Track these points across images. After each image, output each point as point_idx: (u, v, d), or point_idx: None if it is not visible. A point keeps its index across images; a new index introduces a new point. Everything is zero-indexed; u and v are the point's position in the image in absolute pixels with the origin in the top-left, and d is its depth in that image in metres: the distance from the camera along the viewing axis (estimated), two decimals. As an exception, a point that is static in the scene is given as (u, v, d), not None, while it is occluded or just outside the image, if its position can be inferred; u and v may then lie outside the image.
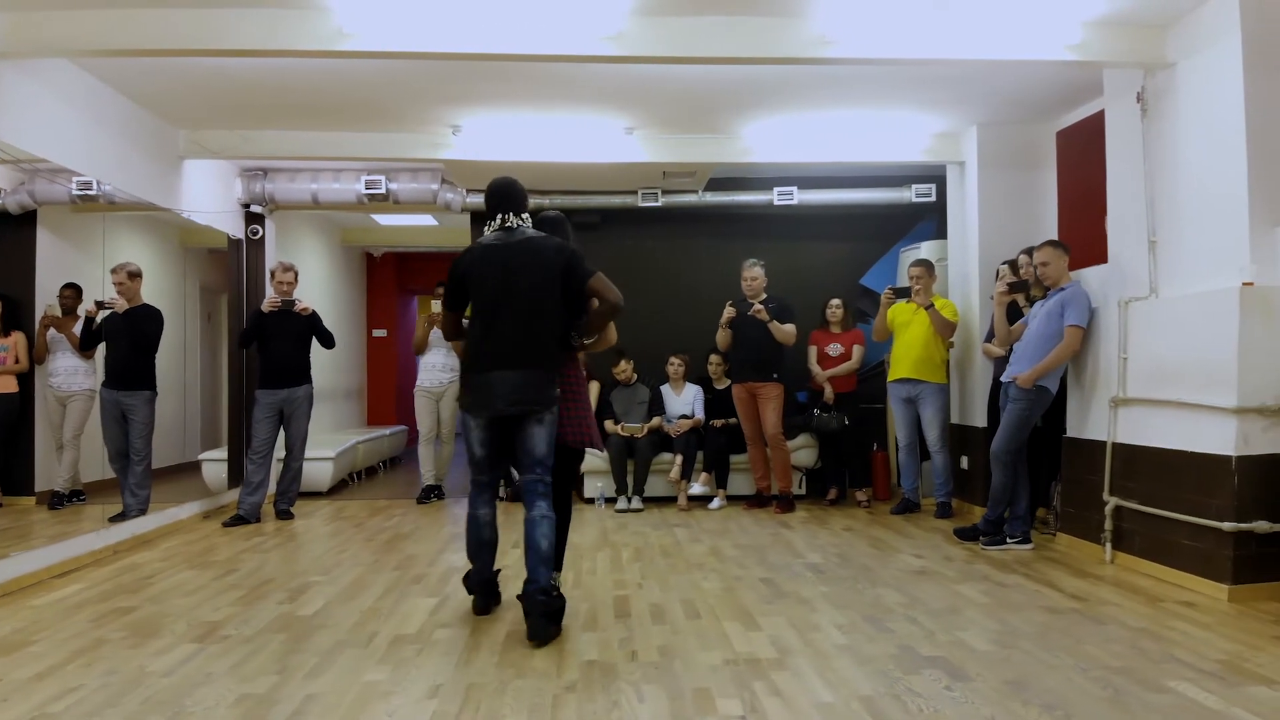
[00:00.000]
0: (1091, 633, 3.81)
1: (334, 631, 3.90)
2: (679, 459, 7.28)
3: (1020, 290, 5.79)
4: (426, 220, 10.04)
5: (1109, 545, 5.12)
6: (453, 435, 8.04)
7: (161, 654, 3.60)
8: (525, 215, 4.15)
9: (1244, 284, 4.35)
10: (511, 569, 4.89)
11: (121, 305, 6.10)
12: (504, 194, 4.14)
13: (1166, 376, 4.79)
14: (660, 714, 2.96)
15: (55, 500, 6.01)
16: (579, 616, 4.11)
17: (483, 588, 4.22)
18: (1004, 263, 6.24)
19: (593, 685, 3.23)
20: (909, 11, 4.76)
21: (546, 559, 3.90)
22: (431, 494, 7.79)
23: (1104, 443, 5.18)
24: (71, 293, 6.12)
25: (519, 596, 3.88)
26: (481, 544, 4.19)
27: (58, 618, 4.16)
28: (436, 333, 7.87)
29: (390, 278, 12.47)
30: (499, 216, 4.11)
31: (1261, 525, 4.28)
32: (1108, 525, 5.11)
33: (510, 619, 4.08)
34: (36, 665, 3.47)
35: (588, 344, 4.24)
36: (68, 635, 3.87)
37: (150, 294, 6.39)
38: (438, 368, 7.86)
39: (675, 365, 7.59)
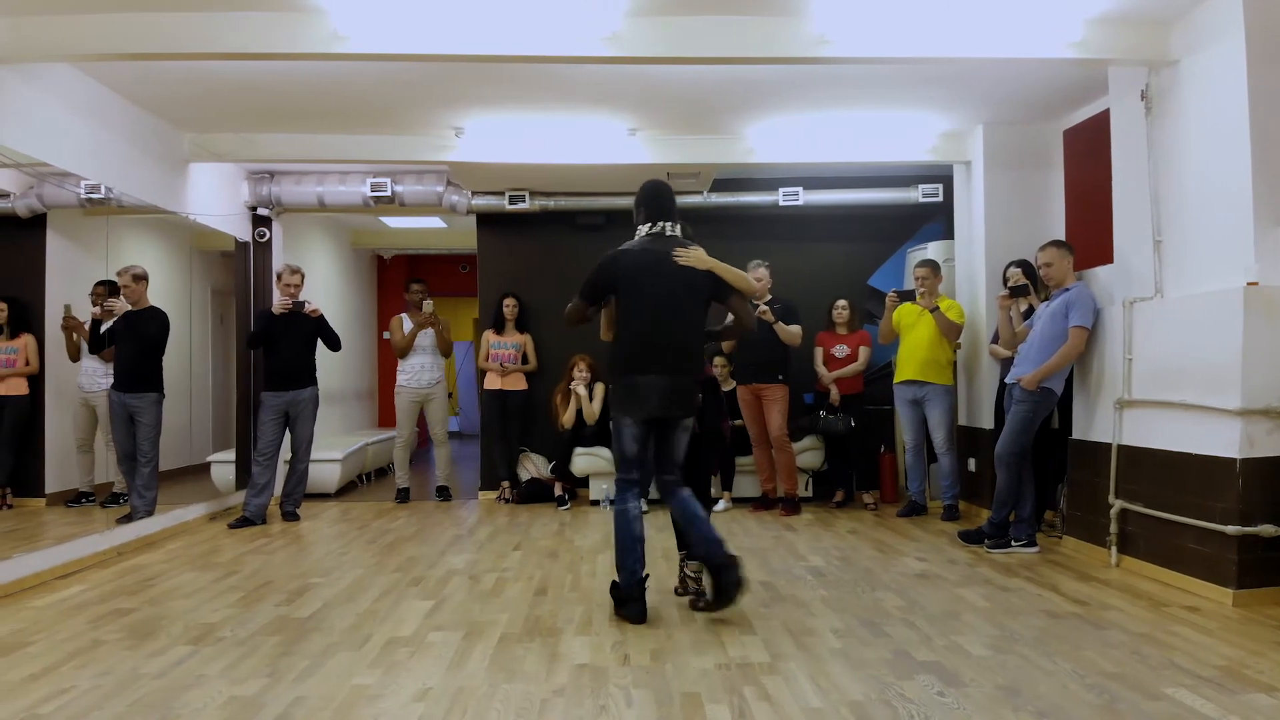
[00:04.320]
0: (1091, 638, 3.76)
1: (328, 634, 3.90)
2: (684, 461, 7.24)
3: (1021, 295, 5.74)
4: (435, 223, 10.06)
5: (1114, 549, 5.06)
6: (446, 437, 8.05)
7: (155, 655, 3.61)
8: (677, 224, 4.34)
9: (1248, 284, 4.29)
10: (513, 571, 4.86)
11: (122, 308, 6.12)
12: (658, 199, 4.30)
13: (1171, 378, 4.73)
14: (647, 718, 2.94)
15: (77, 499, 6.10)
16: (574, 620, 4.09)
17: (640, 589, 4.15)
18: (1012, 263, 6.17)
19: (581, 689, 3.21)
20: (908, 10, 4.71)
21: (708, 521, 4.14)
22: (418, 496, 7.85)
23: (1109, 445, 5.13)
24: (104, 290, 6.17)
25: (706, 560, 4.09)
26: (635, 539, 4.20)
27: (57, 619, 4.18)
28: (424, 334, 7.83)
29: (401, 280, 12.44)
30: (657, 224, 4.27)
31: (1267, 529, 4.22)
32: (1113, 528, 5.05)
33: (505, 621, 4.07)
34: (31, 666, 3.48)
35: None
36: (65, 636, 3.89)
37: (162, 297, 6.42)
38: (425, 368, 7.86)
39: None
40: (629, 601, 4.10)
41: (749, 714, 2.96)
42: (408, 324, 7.89)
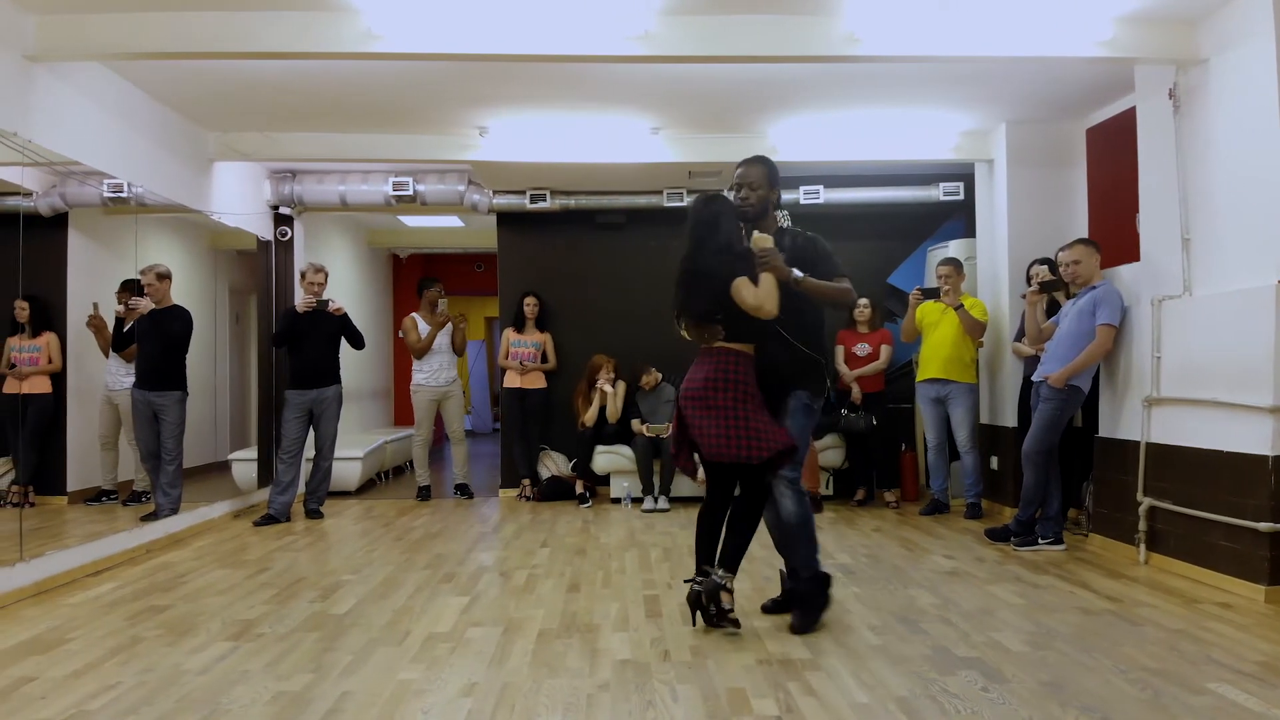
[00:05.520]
0: (1128, 634, 3.78)
1: (367, 630, 3.92)
2: (706, 459, 7.25)
3: (1052, 290, 5.74)
4: (453, 221, 10.09)
5: (1143, 546, 5.07)
6: (463, 435, 8.10)
7: (197, 652, 3.63)
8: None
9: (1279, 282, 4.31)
10: (557, 569, 4.87)
11: (146, 306, 6.15)
12: None
13: (1201, 376, 4.74)
14: (695, 713, 2.96)
15: (98, 497, 6.14)
16: (609, 616, 4.11)
17: None
18: (1037, 262, 6.19)
19: (626, 684, 3.23)
20: (938, 9, 4.73)
21: None
22: (443, 493, 7.92)
23: (1137, 443, 5.14)
24: (127, 291, 6.20)
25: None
26: None
27: (93, 616, 4.20)
28: (441, 333, 7.87)
29: (416, 279, 12.48)
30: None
31: (1299, 526, 4.23)
32: (1142, 526, 5.06)
33: (542, 617, 4.08)
34: (73, 663, 3.50)
35: None
36: (104, 633, 3.91)
37: (181, 296, 6.44)
38: (443, 367, 7.90)
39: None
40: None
41: (796, 709, 2.97)
42: (422, 324, 7.92)
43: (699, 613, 3.85)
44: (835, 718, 2.91)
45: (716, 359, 3.85)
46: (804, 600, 3.93)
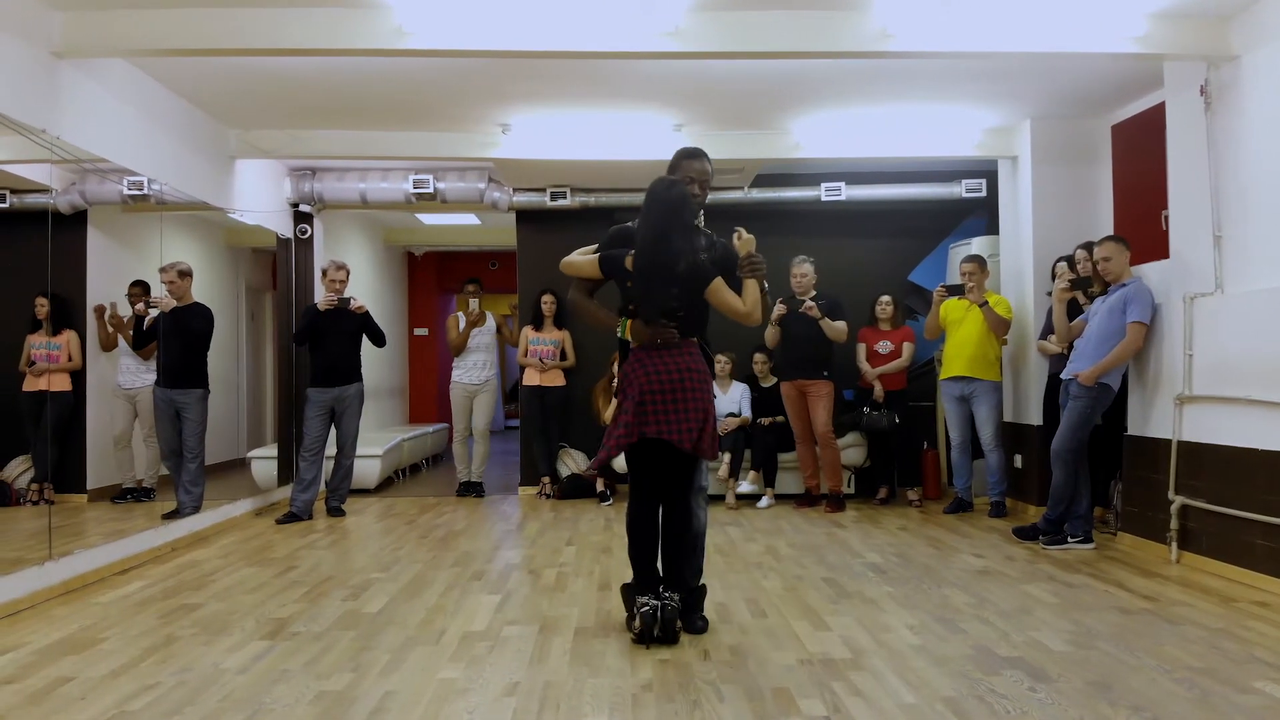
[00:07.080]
0: (1168, 633, 3.76)
1: (402, 628, 3.91)
2: (727, 457, 7.23)
3: (1082, 287, 5.70)
4: (470, 220, 10.07)
5: (1175, 545, 5.04)
6: (488, 433, 8.08)
7: (234, 651, 3.61)
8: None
9: (1318, 279, 4.28)
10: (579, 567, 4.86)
11: (168, 304, 6.14)
12: None
13: (1234, 373, 4.72)
14: (742, 713, 2.94)
15: (123, 495, 6.16)
16: (645, 615, 4.09)
17: None
18: (1061, 259, 6.17)
19: (669, 684, 3.21)
20: (970, 4, 4.70)
21: None
22: (470, 490, 7.91)
23: (1169, 441, 5.11)
24: (139, 290, 6.19)
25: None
26: None
27: (125, 615, 4.19)
28: (478, 332, 7.89)
29: (431, 277, 12.51)
30: None
31: (1337, 524, 4.21)
32: (1173, 525, 5.03)
33: (577, 616, 4.07)
34: (110, 663, 3.49)
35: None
36: (138, 632, 3.89)
37: (199, 293, 6.44)
38: (478, 365, 7.93)
39: (721, 363, 7.55)
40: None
41: (844, 709, 2.96)
42: (464, 323, 8.00)
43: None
44: (884, 719, 2.89)
45: (686, 350, 3.71)
46: (693, 604, 3.87)
